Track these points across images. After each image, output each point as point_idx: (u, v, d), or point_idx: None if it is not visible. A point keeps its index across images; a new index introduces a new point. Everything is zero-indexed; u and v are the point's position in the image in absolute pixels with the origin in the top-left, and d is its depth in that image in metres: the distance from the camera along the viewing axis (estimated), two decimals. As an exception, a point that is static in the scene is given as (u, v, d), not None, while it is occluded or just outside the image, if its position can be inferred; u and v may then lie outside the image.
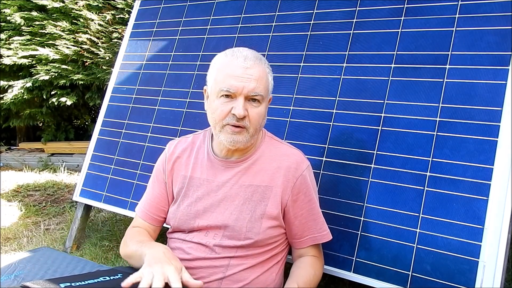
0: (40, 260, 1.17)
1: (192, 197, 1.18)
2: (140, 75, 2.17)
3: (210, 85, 1.14)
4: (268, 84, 1.12)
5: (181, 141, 1.28)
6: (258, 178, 1.15)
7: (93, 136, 2.22)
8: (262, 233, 1.13)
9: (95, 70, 4.08)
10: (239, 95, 1.06)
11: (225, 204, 1.15)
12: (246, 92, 1.06)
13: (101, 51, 3.96)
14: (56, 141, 5.04)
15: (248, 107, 1.08)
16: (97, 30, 3.98)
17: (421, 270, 1.25)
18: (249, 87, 1.06)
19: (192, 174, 1.20)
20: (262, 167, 1.16)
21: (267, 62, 1.15)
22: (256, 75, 1.07)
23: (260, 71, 1.09)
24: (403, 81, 1.45)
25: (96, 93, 4.43)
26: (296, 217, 1.17)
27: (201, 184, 1.18)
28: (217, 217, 1.14)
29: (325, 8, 1.70)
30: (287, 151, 1.20)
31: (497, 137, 1.26)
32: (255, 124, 1.10)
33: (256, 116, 1.09)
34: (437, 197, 1.29)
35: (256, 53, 1.13)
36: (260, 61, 1.11)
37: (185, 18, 2.12)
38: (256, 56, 1.11)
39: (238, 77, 1.06)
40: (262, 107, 1.11)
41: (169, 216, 1.23)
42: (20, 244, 2.35)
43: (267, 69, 1.13)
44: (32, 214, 2.90)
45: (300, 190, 1.16)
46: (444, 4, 1.45)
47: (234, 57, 1.09)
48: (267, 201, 1.14)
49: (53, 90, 4.40)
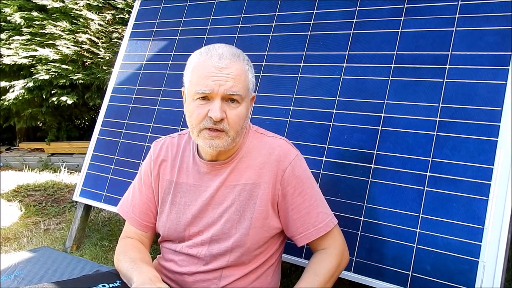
0: (40, 260, 1.16)
1: (180, 204, 1.13)
2: (140, 75, 2.17)
3: (186, 86, 1.07)
4: (247, 82, 1.04)
5: (166, 142, 1.21)
6: (245, 176, 1.09)
7: (93, 136, 2.22)
8: (253, 234, 1.07)
9: (95, 70, 4.09)
10: (215, 96, 0.99)
11: (214, 208, 1.09)
12: (222, 92, 0.98)
13: (101, 51, 3.97)
14: (56, 141, 5.04)
15: (226, 108, 1.00)
16: (97, 30, 3.98)
17: (421, 270, 1.25)
18: (225, 86, 0.98)
19: (178, 179, 1.15)
20: (248, 164, 1.10)
21: (246, 58, 1.06)
22: (233, 73, 0.99)
23: (238, 69, 1.01)
24: (403, 81, 1.45)
25: (96, 92, 4.43)
26: (288, 212, 1.09)
27: (187, 190, 1.13)
28: (207, 222, 1.10)
29: (325, 8, 1.70)
30: (272, 143, 1.12)
31: (497, 137, 1.26)
32: (235, 126, 1.02)
33: (235, 118, 1.01)
34: (437, 197, 1.29)
35: (234, 49, 1.05)
36: (237, 58, 1.02)
37: (185, 18, 2.12)
38: (232, 53, 1.02)
39: (213, 77, 0.98)
40: (242, 107, 1.03)
41: (158, 224, 1.18)
42: (20, 244, 2.35)
43: (246, 65, 1.04)
44: (32, 214, 2.90)
45: (289, 183, 1.08)
46: (444, 4, 1.45)
47: (209, 56, 1.01)
48: (255, 200, 1.07)
49: (53, 90, 4.40)
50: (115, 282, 1.01)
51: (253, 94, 1.12)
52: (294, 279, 1.94)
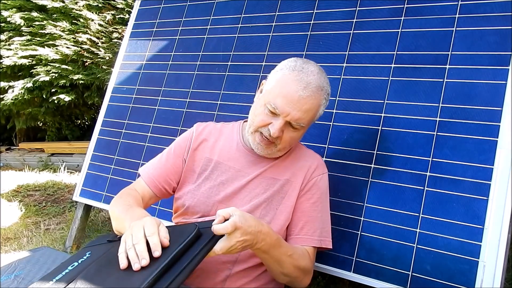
0: (40, 260, 1.16)
1: (216, 181, 1.17)
2: (140, 75, 2.17)
3: (266, 88, 1.12)
4: (315, 116, 1.10)
5: (209, 125, 1.28)
6: (282, 172, 1.16)
7: (93, 136, 2.22)
8: (273, 225, 1.11)
9: (95, 70, 4.09)
10: (282, 117, 1.05)
11: (245, 192, 1.14)
12: (289, 118, 1.05)
13: (101, 51, 3.97)
14: (56, 141, 5.04)
15: (285, 129, 1.07)
16: (97, 30, 3.99)
17: (421, 270, 1.25)
18: (295, 116, 1.04)
19: (218, 159, 1.19)
20: (288, 163, 1.18)
21: (328, 91, 1.11)
22: (307, 107, 1.04)
23: (314, 104, 1.06)
24: (403, 81, 1.45)
25: (96, 92, 4.43)
26: (297, 210, 1.15)
27: (226, 170, 1.18)
28: (236, 203, 1.13)
29: (325, 8, 1.70)
30: (311, 155, 1.24)
31: (497, 137, 1.26)
32: (286, 146, 1.11)
33: (289, 139, 1.10)
34: (437, 197, 1.29)
35: (322, 78, 1.08)
36: (320, 92, 1.07)
37: (185, 18, 2.12)
38: (318, 85, 1.06)
39: (290, 103, 1.03)
40: (299, 133, 1.11)
41: (185, 195, 1.18)
42: (20, 244, 2.35)
43: (323, 100, 1.09)
44: (32, 214, 2.90)
45: (310, 189, 1.16)
46: (444, 4, 1.45)
47: (297, 80, 1.04)
48: (284, 194, 1.14)
49: (53, 90, 4.40)
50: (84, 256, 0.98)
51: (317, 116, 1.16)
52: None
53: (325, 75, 1.12)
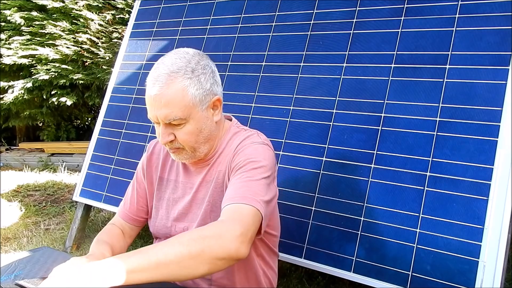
0: (40, 260, 1.16)
1: (169, 200, 1.15)
2: (140, 75, 2.17)
3: None
4: (187, 101, 0.96)
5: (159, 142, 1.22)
6: (219, 167, 1.08)
7: (93, 136, 2.22)
8: None
9: (95, 70, 4.09)
10: (160, 122, 0.98)
11: (195, 204, 1.10)
12: (161, 119, 0.96)
13: (101, 51, 3.97)
14: (56, 141, 5.04)
15: (173, 129, 0.99)
16: (97, 30, 3.99)
17: (421, 270, 1.25)
18: (162, 115, 0.95)
19: (168, 176, 1.17)
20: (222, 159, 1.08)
21: (189, 70, 0.96)
22: (165, 100, 0.94)
23: (172, 93, 0.94)
24: (403, 81, 1.45)
25: (96, 92, 4.43)
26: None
27: (176, 186, 1.15)
28: (191, 217, 1.10)
29: (325, 8, 1.70)
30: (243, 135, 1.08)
31: (497, 137, 1.26)
32: (188, 143, 1.01)
33: (185, 137, 0.99)
34: (437, 197, 1.29)
35: (175, 63, 0.96)
36: (174, 76, 0.94)
37: (185, 18, 2.12)
38: (168, 72, 0.94)
39: (150, 107, 0.97)
40: (190, 125, 0.98)
41: (150, 222, 1.20)
42: (20, 244, 2.35)
43: (185, 81, 0.95)
44: (32, 214, 2.90)
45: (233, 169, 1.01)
46: (444, 4, 1.45)
47: (149, 80, 0.96)
48: (223, 188, 1.05)
49: (53, 90, 4.40)
50: None
51: (213, 98, 1.02)
52: (294, 279, 1.94)
53: (185, 56, 0.98)
